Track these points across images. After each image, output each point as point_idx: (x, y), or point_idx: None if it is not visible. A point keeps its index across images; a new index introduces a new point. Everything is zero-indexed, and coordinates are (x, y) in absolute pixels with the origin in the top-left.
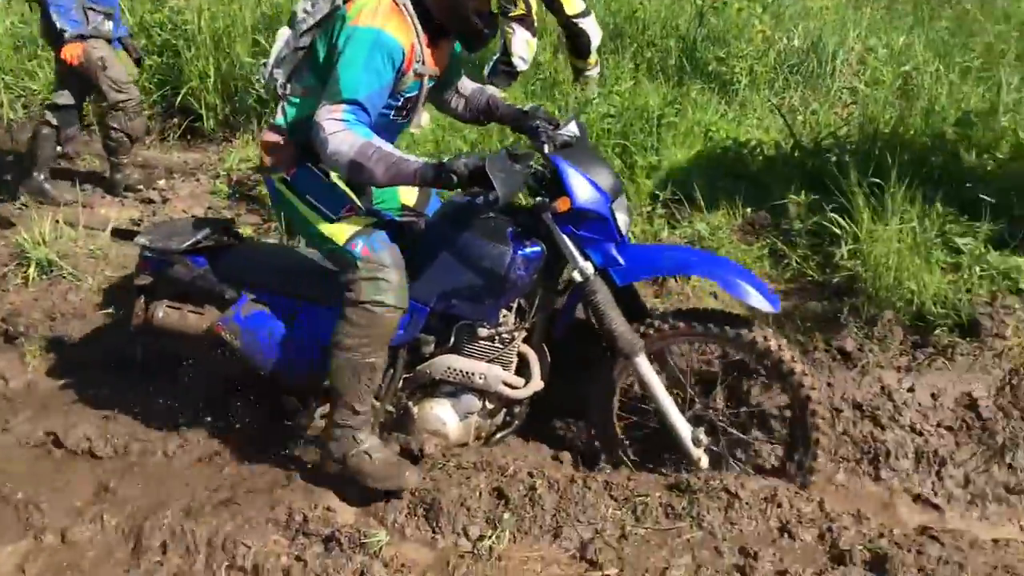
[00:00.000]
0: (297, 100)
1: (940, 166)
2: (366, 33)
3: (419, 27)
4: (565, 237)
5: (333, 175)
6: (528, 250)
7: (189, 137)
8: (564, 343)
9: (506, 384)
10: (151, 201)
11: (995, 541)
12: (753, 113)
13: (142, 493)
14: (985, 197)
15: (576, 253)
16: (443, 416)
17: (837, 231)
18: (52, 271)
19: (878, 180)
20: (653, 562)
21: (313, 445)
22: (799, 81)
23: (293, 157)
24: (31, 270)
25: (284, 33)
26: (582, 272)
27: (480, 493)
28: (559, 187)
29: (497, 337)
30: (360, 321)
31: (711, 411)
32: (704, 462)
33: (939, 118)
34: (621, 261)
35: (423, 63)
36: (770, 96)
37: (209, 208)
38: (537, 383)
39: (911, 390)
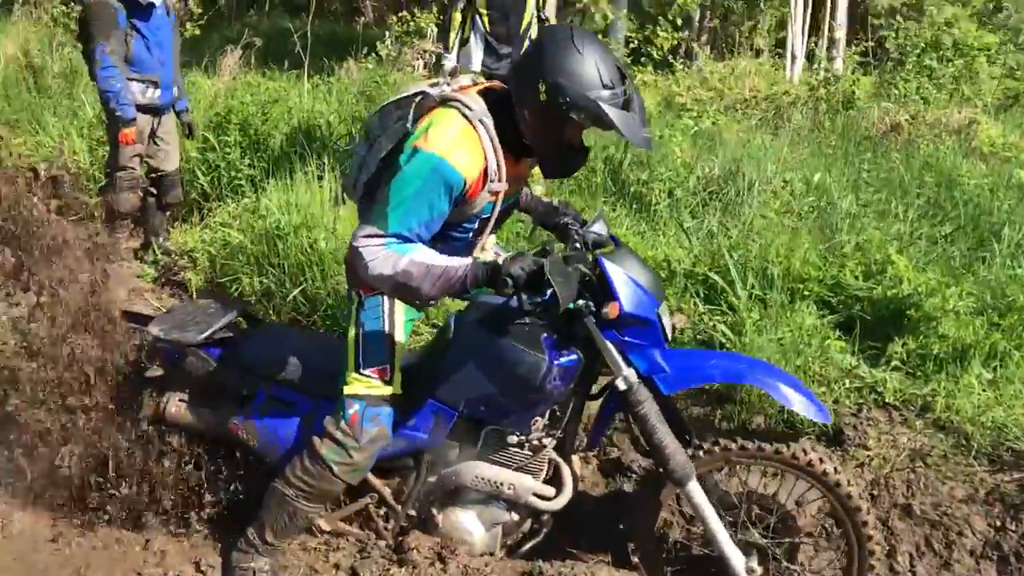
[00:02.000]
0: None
1: (831, 287)
2: (427, 159)
3: (497, 146)
4: (609, 344)
5: (398, 329)
6: (564, 359)
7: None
8: None
9: (537, 495)
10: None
11: None
12: (671, 234)
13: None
14: (865, 316)
15: (620, 360)
16: (468, 526)
17: (724, 340)
18: None
19: (763, 295)
20: None
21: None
22: (717, 207)
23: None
24: None
25: (362, 150)
26: (626, 380)
27: (336, 570)
28: (604, 290)
29: (527, 445)
30: (310, 468)
31: (763, 538)
32: None
33: (838, 244)
34: (667, 368)
35: (499, 180)
36: (688, 218)
37: (132, 290)
38: (568, 494)
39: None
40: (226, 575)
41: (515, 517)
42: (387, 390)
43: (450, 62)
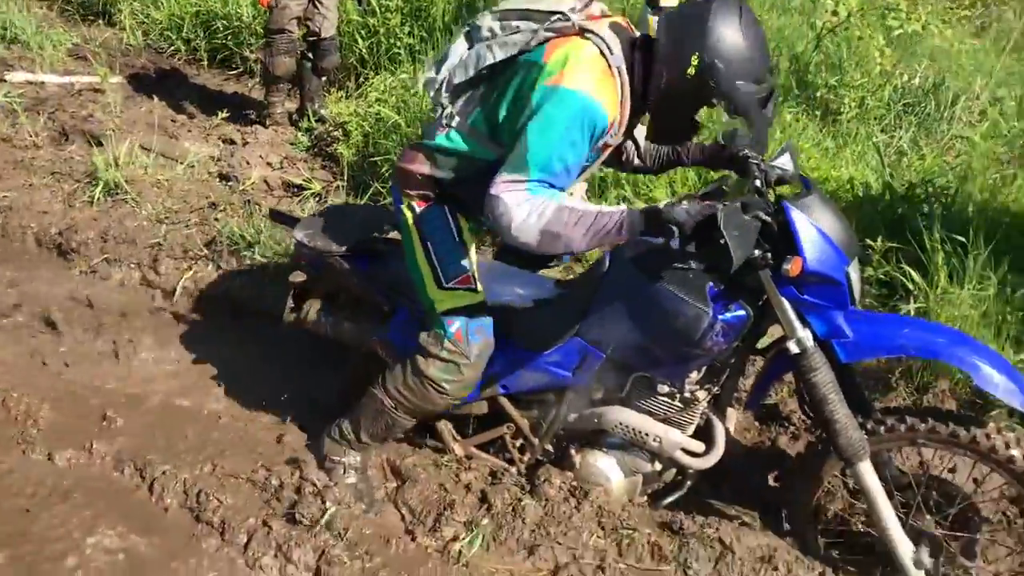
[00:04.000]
0: (457, 136)
1: None
2: (573, 98)
3: (627, 100)
4: (785, 301)
5: (466, 232)
6: (730, 314)
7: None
8: None
9: (684, 450)
10: (232, 142)
11: None
12: (857, 150)
13: (143, 431)
14: None
15: (796, 322)
16: (606, 471)
17: (910, 285)
18: (117, 194)
19: (963, 239)
20: None
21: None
22: (912, 122)
23: (430, 191)
24: (98, 190)
25: (460, 49)
26: (800, 344)
27: (467, 491)
28: (787, 242)
29: (679, 396)
30: (414, 387)
31: (938, 528)
32: None
33: None
34: (849, 333)
35: (618, 135)
36: (877, 133)
37: (285, 158)
38: (719, 453)
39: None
40: (318, 462)
41: (657, 467)
42: (479, 297)
43: None
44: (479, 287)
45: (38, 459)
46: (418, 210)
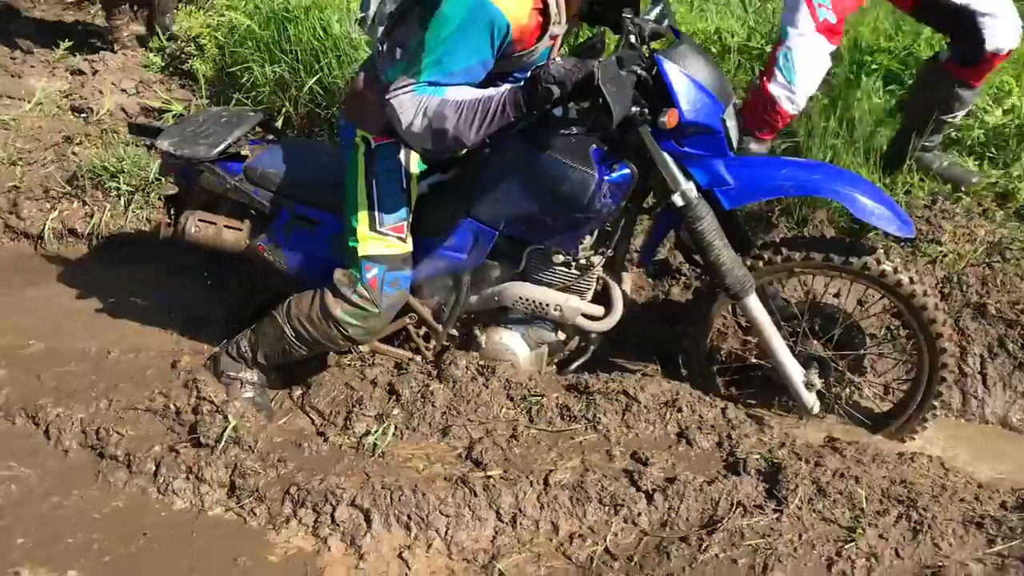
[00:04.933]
0: (399, 64)
1: (903, 59)
2: None
3: None
4: (666, 156)
5: (414, 180)
6: (616, 174)
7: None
8: None
9: (584, 316)
10: (81, 72)
11: (900, 455)
12: (721, 2)
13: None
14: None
15: (678, 174)
16: (512, 346)
17: None
18: None
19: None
20: (540, 464)
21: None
22: None
23: (383, 124)
24: None
25: None
26: (684, 196)
27: (374, 386)
28: (661, 95)
29: (574, 264)
30: (317, 322)
31: (825, 350)
32: (816, 408)
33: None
34: (730, 181)
35: (561, 22)
36: None
37: (140, 82)
38: (618, 314)
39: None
40: (216, 376)
41: (561, 337)
42: (406, 248)
43: None
44: (408, 240)
45: None
46: (373, 144)
